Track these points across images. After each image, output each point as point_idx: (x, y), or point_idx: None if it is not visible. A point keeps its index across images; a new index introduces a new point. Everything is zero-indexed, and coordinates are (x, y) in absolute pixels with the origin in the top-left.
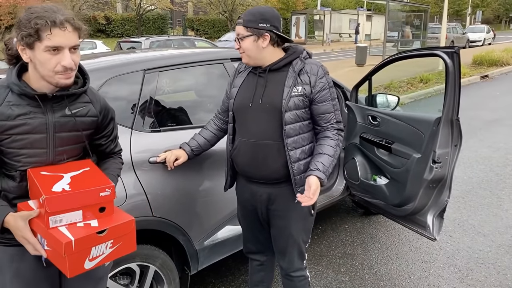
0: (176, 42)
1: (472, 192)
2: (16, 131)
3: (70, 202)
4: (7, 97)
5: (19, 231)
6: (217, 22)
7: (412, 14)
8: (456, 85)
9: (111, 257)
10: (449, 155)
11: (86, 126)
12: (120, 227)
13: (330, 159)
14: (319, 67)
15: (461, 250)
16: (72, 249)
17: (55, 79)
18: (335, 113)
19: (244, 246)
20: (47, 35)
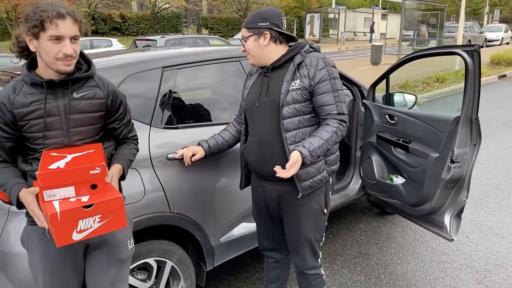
0: (190, 40)
1: (490, 193)
2: (32, 116)
3: (62, 178)
4: (22, 88)
5: (28, 205)
6: (231, 21)
7: (428, 12)
8: (476, 84)
9: (101, 231)
10: (468, 155)
11: (95, 108)
12: (107, 203)
13: (321, 142)
14: (319, 59)
15: (479, 251)
16: (57, 220)
17: (56, 66)
18: (337, 104)
19: (259, 243)
20: (49, 25)
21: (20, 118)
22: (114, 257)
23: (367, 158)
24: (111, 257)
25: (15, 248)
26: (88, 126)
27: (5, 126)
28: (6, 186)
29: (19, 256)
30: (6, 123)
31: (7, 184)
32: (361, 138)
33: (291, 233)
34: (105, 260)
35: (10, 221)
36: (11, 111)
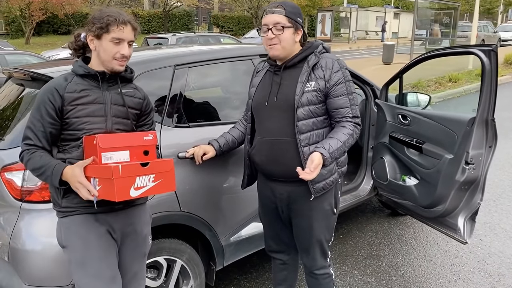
0: (202, 38)
1: (504, 195)
2: (80, 101)
3: (119, 141)
4: (73, 78)
5: (76, 177)
6: (242, 19)
7: (441, 11)
8: (493, 84)
9: (154, 190)
10: (483, 156)
11: (134, 105)
12: (160, 163)
13: (339, 144)
14: (334, 61)
15: (492, 255)
16: (119, 173)
17: (112, 64)
18: (352, 107)
19: (266, 244)
20: (114, 29)
21: (69, 102)
22: (140, 250)
23: (379, 159)
24: (137, 250)
25: (27, 245)
26: (126, 120)
27: (53, 111)
28: (46, 167)
29: (31, 253)
30: (54, 108)
31: (48, 165)
32: (373, 138)
33: (301, 234)
34: (132, 252)
35: (22, 218)
36: (62, 95)
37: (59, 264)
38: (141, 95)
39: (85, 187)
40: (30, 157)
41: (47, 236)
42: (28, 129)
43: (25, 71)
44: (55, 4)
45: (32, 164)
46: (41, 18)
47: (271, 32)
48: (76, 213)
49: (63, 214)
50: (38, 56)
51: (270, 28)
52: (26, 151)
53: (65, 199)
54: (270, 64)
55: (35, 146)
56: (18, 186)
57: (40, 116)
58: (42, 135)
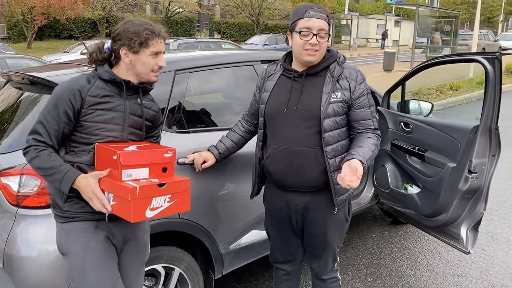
0: (203, 44)
1: (506, 204)
2: (101, 107)
3: (140, 158)
4: (96, 82)
5: (90, 187)
6: (243, 26)
7: (442, 20)
8: (497, 92)
9: (169, 211)
10: (486, 165)
11: (149, 117)
12: (177, 184)
13: (370, 153)
14: (357, 72)
15: (495, 265)
16: (136, 194)
17: (149, 76)
18: (373, 119)
19: (271, 256)
20: (154, 43)
21: (90, 105)
22: (140, 258)
23: (380, 166)
24: (137, 258)
25: (22, 251)
26: (140, 131)
27: (70, 111)
28: (56, 170)
29: (27, 259)
30: (73, 109)
31: (59, 168)
32: None
33: (314, 242)
34: (131, 260)
35: (18, 224)
36: (84, 98)
37: (55, 271)
38: (156, 108)
39: (99, 200)
40: (37, 155)
41: (43, 242)
42: (39, 124)
43: (24, 75)
44: (57, 9)
45: (39, 162)
46: (43, 22)
47: (316, 38)
48: (77, 219)
49: (64, 219)
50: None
51: (315, 34)
52: (34, 147)
53: (67, 203)
54: (288, 69)
55: (44, 144)
56: (14, 191)
57: (56, 114)
58: (54, 133)
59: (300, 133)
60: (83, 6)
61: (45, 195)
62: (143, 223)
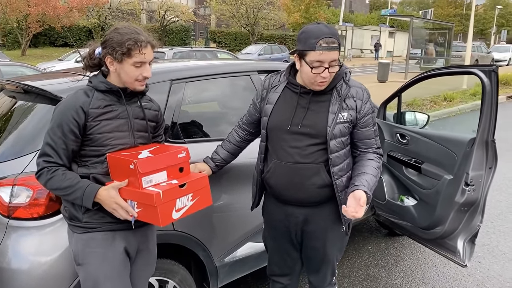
0: (199, 53)
1: (501, 216)
2: (105, 117)
3: (156, 163)
4: (94, 94)
5: (113, 198)
6: (239, 35)
7: (436, 31)
8: (493, 105)
9: (193, 209)
10: (483, 178)
11: (152, 117)
12: (196, 181)
13: (374, 180)
14: (363, 91)
15: (492, 278)
16: (161, 199)
17: (134, 85)
18: (376, 139)
19: (269, 269)
20: (136, 53)
21: (94, 118)
22: (149, 269)
23: None
24: (147, 269)
25: (13, 263)
26: (147, 133)
27: (76, 129)
28: (75, 188)
29: (17, 272)
30: (78, 125)
31: (77, 186)
32: None
33: (313, 256)
34: (141, 271)
35: (8, 236)
36: (86, 111)
37: (46, 284)
38: (156, 107)
39: (123, 208)
40: (52, 176)
41: (35, 254)
42: (47, 146)
43: (18, 84)
44: (52, 17)
45: (56, 183)
46: (38, 30)
47: (327, 70)
48: (97, 230)
49: (83, 230)
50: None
51: (327, 67)
52: (46, 169)
53: (86, 214)
54: (293, 83)
55: (55, 164)
56: (5, 202)
57: (62, 133)
58: (63, 152)
59: (302, 150)
60: (79, 14)
61: (37, 206)
62: (154, 233)
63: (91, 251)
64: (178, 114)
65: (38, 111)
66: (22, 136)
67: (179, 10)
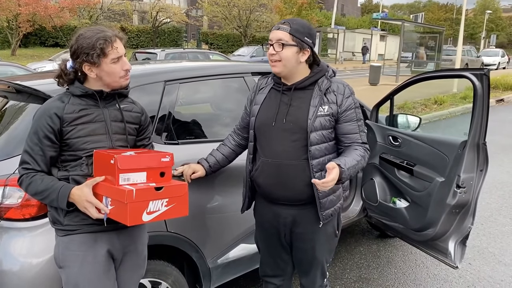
0: (191, 54)
1: (491, 218)
2: (80, 121)
3: (137, 162)
4: (70, 99)
5: (84, 196)
6: (231, 37)
7: (427, 35)
8: (485, 108)
9: (166, 215)
10: (474, 180)
11: (133, 120)
12: (174, 188)
13: (354, 162)
14: (345, 86)
15: (482, 280)
16: (133, 197)
17: (120, 82)
18: (361, 134)
19: (261, 270)
20: (109, 50)
21: (69, 123)
22: (139, 271)
23: (369, 180)
24: (136, 271)
25: (4, 265)
26: (126, 136)
27: (51, 134)
28: (50, 190)
29: (8, 274)
30: (53, 131)
31: (52, 188)
32: None
33: (303, 257)
34: (131, 273)
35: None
36: (61, 117)
37: (38, 286)
38: (139, 109)
39: (94, 206)
40: (30, 181)
41: (26, 256)
42: (25, 154)
43: (10, 83)
44: (43, 17)
45: (34, 188)
46: (28, 30)
47: (273, 48)
48: (77, 232)
49: (64, 232)
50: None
51: (272, 44)
52: (25, 175)
53: (67, 217)
54: (277, 82)
55: (33, 170)
56: None
57: (38, 140)
58: (40, 159)
59: (287, 146)
60: (70, 14)
61: (29, 207)
62: (143, 234)
63: (70, 254)
64: (172, 115)
65: (30, 111)
66: (14, 136)
67: (171, 11)
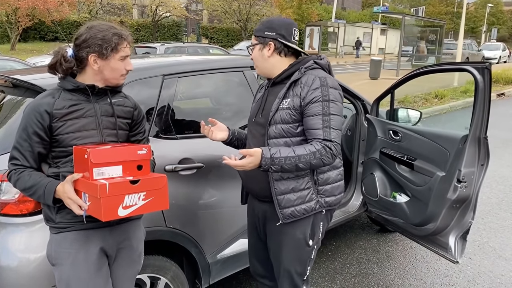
0: (191, 49)
1: (492, 213)
2: (70, 116)
3: (111, 156)
4: (61, 94)
5: (66, 193)
6: (231, 31)
7: (428, 29)
8: (486, 102)
9: (144, 209)
10: (475, 174)
11: (124, 114)
12: (152, 180)
13: (291, 154)
14: (316, 78)
15: (482, 274)
16: (106, 191)
17: (119, 80)
18: (324, 129)
19: (250, 265)
20: (123, 47)
21: (58, 119)
22: (134, 267)
23: (369, 174)
24: (131, 267)
25: (1, 260)
26: (118, 130)
27: (41, 131)
28: (37, 186)
29: (6, 269)
30: (43, 127)
31: (39, 184)
32: (363, 153)
33: (273, 260)
34: (126, 269)
35: None
36: (50, 113)
37: (35, 281)
38: (131, 104)
39: (75, 203)
40: (18, 177)
41: (24, 251)
42: (14, 150)
43: (6, 78)
44: (42, 11)
45: (22, 184)
46: (28, 24)
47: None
48: (69, 229)
49: (57, 230)
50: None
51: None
52: (13, 171)
53: (59, 215)
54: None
55: (22, 166)
56: None
57: (27, 136)
58: (29, 155)
59: (257, 140)
60: (69, 8)
61: (27, 203)
62: (138, 230)
63: (62, 251)
64: (171, 110)
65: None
66: (11, 131)
67: (171, 5)
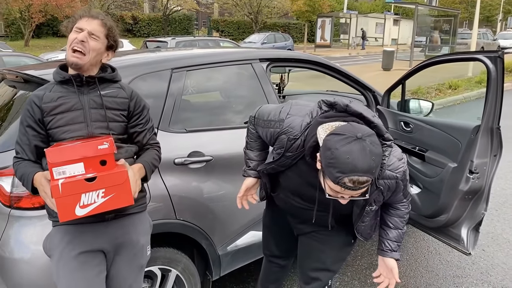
0: (201, 42)
1: (506, 204)
2: (58, 110)
3: (69, 153)
4: (53, 87)
5: (42, 186)
6: (242, 24)
7: (441, 19)
8: (499, 92)
9: (105, 207)
10: (488, 165)
11: (117, 106)
12: (110, 176)
13: (402, 233)
14: None
15: (496, 266)
16: (59, 192)
17: (68, 56)
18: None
19: (267, 249)
20: (80, 20)
21: (48, 112)
22: (137, 261)
23: None
24: (134, 261)
25: (15, 253)
26: (111, 122)
27: (34, 124)
28: (24, 175)
29: (20, 262)
30: (35, 120)
31: (26, 173)
32: None
33: (306, 257)
34: (128, 263)
35: (11, 226)
36: (40, 106)
37: (48, 274)
38: (127, 94)
39: (49, 198)
40: (16, 169)
41: (36, 243)
42: (16, 144)
43: (18, 73)
44: (54, 7)
45: (18, 175)
46: (41, 20)
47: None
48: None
49: (54, 223)
50: (36, 58)
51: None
52: (15, 163)
53: None
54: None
55: (22, 159)
56: (7, 192)
57: (24, 129)
58: (27, 148)
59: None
60: (81, 4)
61: (38, 196)
62: (139, 224)
63: (53, 244)
64: (179, 103)
65: None
66: None
67: None
